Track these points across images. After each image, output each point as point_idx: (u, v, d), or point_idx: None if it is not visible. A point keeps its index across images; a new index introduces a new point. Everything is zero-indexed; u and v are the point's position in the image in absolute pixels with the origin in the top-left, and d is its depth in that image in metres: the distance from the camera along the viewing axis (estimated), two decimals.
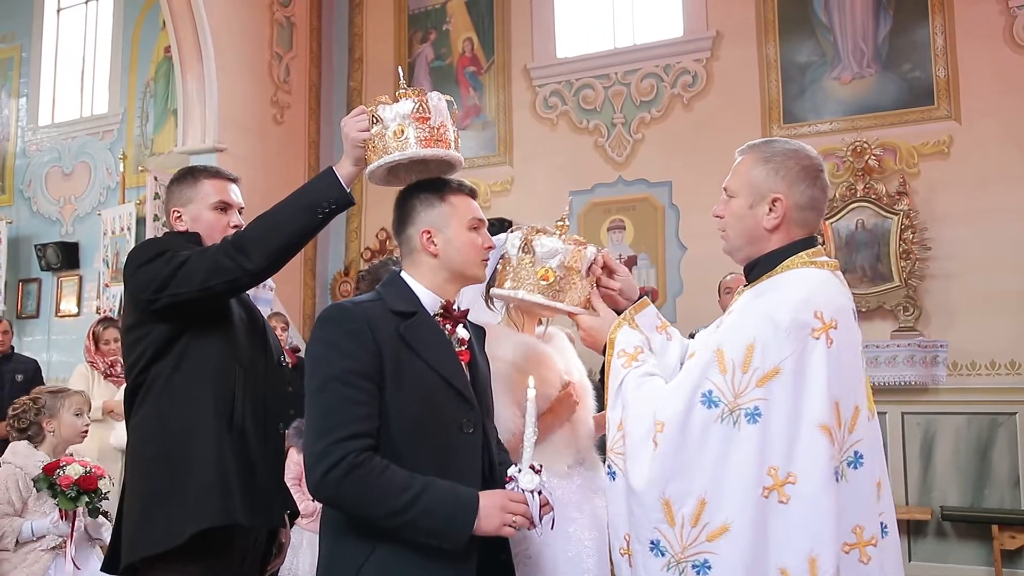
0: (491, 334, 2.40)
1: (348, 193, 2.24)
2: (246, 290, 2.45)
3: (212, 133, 6.90)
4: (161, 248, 2.36)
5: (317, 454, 1.79)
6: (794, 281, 1.89)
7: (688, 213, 6.73)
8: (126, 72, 8.81)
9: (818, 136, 6.35)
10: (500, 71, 7.57)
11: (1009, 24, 5.88)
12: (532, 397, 1.86)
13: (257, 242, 2.25)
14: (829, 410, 1.77)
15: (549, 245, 2.14)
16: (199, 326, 2.37)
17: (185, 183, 2.56)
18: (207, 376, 2.36)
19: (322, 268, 8.05)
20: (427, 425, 1.89)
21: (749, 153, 2.01)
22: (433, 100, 2.10)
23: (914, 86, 6.12)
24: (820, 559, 1.72)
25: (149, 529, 2.28)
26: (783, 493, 1.74)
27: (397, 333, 1.90)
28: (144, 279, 2.31)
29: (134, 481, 2.39)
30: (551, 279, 2.12)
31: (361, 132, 2.12)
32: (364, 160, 2.15)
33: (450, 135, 2.13)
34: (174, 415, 2.34)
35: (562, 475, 2.41)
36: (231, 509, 2.28)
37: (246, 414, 2.40)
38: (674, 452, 1.81)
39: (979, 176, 5.83)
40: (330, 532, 1.94)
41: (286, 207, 2.27)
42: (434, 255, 2.02)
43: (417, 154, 2.06)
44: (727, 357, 1.81)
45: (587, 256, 2.17)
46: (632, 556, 1.88)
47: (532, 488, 1.85)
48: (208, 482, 2.28)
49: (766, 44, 6.60)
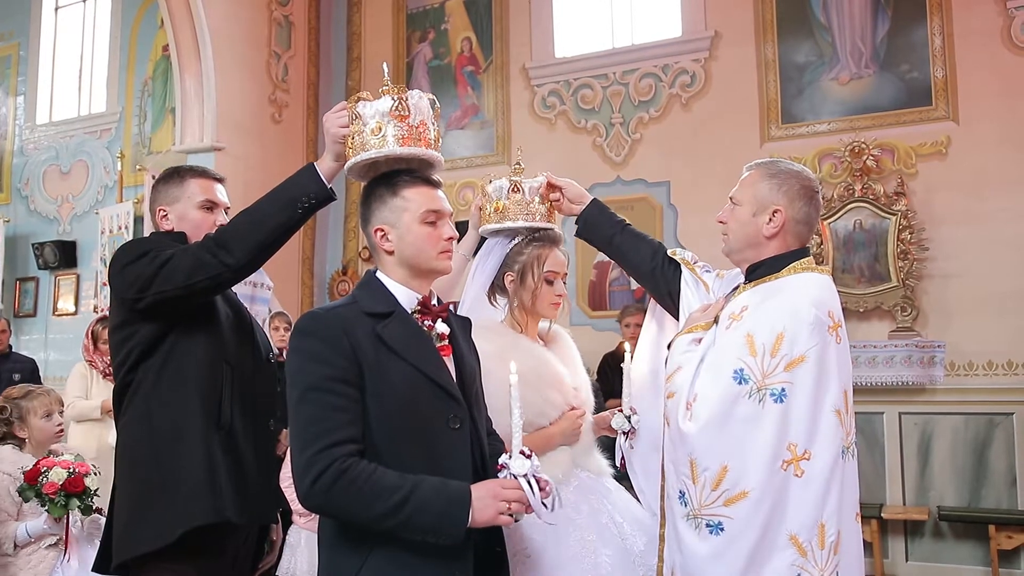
0: (500, 338, 2.44)
1: (328, 188, 2.25)
2: (229, 286, 2.45)
3: (210, 132, 6.89)
4: (145, 248, 2.36)
5: (303, 465, 1.79)
6: (805, 283, 2.14)
7: (686, 213, 6.74)
8: (124, 71, 8.81)
9: (816, 136, 6.37)
10: (498, 71, 7.57)
11: (1007, 25, 5.89)
12: (515, 383, 1.86)
13: (238, 238, 2.26)
14: (840, 397, 2.03)
15: (505, 183, 2.61)
16: (185, 325, 2.38)
17: (172, 182, 2.57)
18: (194, 375, 2.36)
19: (320, 267, 8.05)
20: (413, 424, 1.88)
21: (756, 169, 2.27)
22: (413, 98, 2.09)
23: (912, 87, 6.13)
24: (827, 526, 1.95)
25: (140, 528, 2.28)
26: (799, 468, 1.97)
27: (374, 334, 1.89)
28: (128, 279, 2.32)
29: (124, 481, 2.39)
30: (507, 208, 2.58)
31: (341, 128, 2.12)
32: (344, 156, 2.15)
33: (430, 134, 2.11)
34: (162, 415, 2.34)
35: (556, 481, 2.37)
36: (221, 507, 2.29)
37: (234, 412, 2.40)
38: (705, 420, 2.02)
39: (977, 177, 5.84)
40: (327, 542, 1.94)
41: (266, 203, 2.28)
42: (390, 252, 2.02)
43: (393, 152, 2.04)
44: (758, 342, 2.02)
45: (539, 182, 2.62)
46: (669, 496, 2.12)
47: (523, 473, 1.83)
48: (198, 481, 2.28)
49: (764, 44, 6.60)
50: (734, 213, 2.25)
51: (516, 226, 2.58)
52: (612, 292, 6.97)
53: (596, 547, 2.33)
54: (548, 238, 2.59)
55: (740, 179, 2.29)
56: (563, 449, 2.48)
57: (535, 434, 2.37)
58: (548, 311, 2.56)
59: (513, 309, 2.57)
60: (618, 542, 2.38)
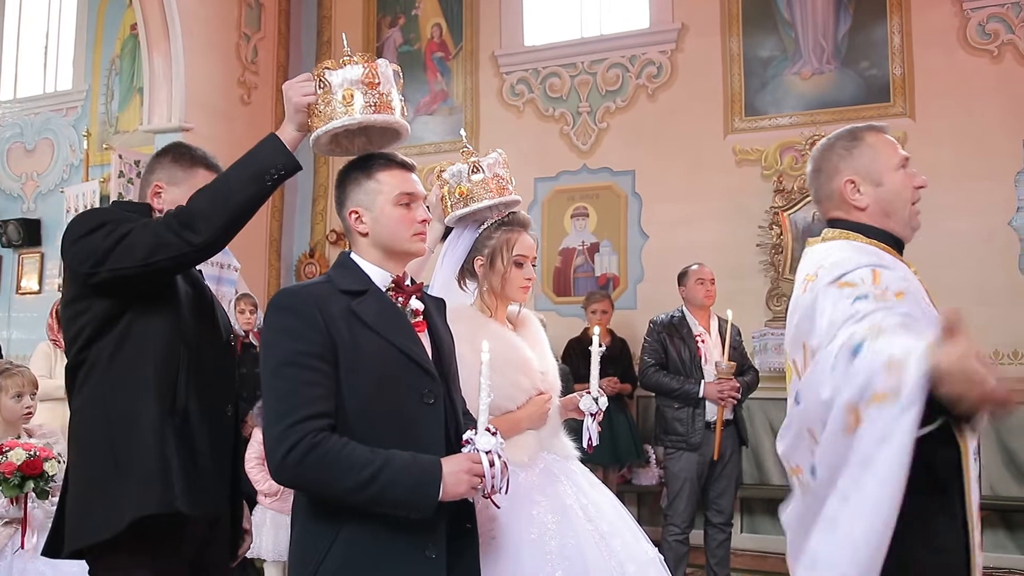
0: (470, 321, 2.45)
1: (295, 157, 2.17)
2: (193, 266, 2.34)
3: (178, 112, 6.86)
4: (102, 219, 2.22)
5: (275, 438, 1.80)
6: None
7: (651, 202, 6.85)
8: (91, 49, 8.71)
9: (778, 129, 6.51)
10: (468, 57, 7.62)
11: (963, 26, 6.05)
12: (486, 361, 1.89)
13: (204, 215, 2.13)
14: None
15: (463, 167, 2.60)
16: (142, 303, 2.25)
17: (180, 163, 2.45)
18: (150, 356, 2.24)
19: (287, 250, 8.05)
20: (387, 398, 1.90)
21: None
22: (382, 67, 2.08)
23: (871, 83, 6.28)
24: None
25: (90, 516, 2.21)
26: None
27: (349, 310, 1.91)
28: (82, 252, 2.18)
29: (75, 466, 2.30)
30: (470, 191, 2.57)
31: (306, 96, 2.07)
32: (307, 126, 2.10)
33: (396, 103, 2.09)
34: (116, 398, 2.23)
35: (523, 465, 2.43)
36: (171, 497, 2.18)
37: (190, 396, 2.29)
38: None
39: (931, 173, 5.79)
40: (299, 517, 1.95)
41: (231, 177, 2.19)
42: (364, 234, 2.03)
43: (366, 119, 2.03)
44: (851, 276, 1.91)
45: (494, 158, 2.62)
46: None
47: (488, 449, 1.86)
48: (149, 469, 2.18)
49: (730, 38, 6.72)
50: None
51: (484, 205, 2.55)
52: (577, 279, 7.07)
53: (560, 531, 2.34)
54: (517, 222, 2.60)
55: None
56: (530, 432, 2.51)
57: (502, 418, 2.38)
58: (518, 295, 2.58)
59: (483, 293, 2.58)
60: (583, 524, 2.39)
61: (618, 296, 6.78)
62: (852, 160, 2.14)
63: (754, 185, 6.51)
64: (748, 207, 6.44)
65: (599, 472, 5.52)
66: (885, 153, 2.13)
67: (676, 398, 4.77)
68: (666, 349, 4.86)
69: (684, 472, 4.76)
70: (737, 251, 6.39)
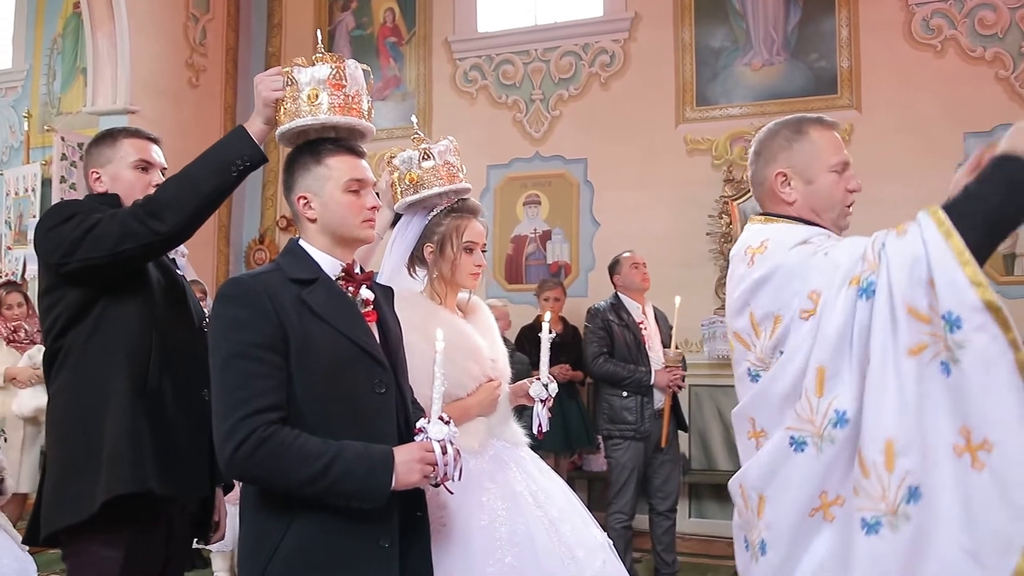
0: (419, 308, 2.45)
1: (261, 150, 2.23)
2: (160, 255, 2.41)
3: (123, 94, 6.70)
4: (72, 211, 2.30)
5: (225, 433, 1.78)
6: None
7: (602, 190, 6.89)
8: (31, 27, 8.49)
9: (728, 120, 6.58)
10: (421, 43, 7.57)
11: (908, 20, 6.17)
12: (440, 349, 1.90)
13: (170, 205, 2.21)
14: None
15: (414, 153, 2.58)
16: (114, 291, 2.33)
17: (104, 143, 2.52)
18: (122, 342, 2.32)
19: (236, 236, 7.94)
20: (338, 389, 1.89)
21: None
22: (350, 68, 2.08)
23: (820, 75, 6.38)
24: None
25: (64, 499, 2.26)
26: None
27: (299, 300, 1.89)
28: (53, 243, 2.26)
29: (52, 452, 2.37)
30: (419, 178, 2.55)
31: (275, 91, 2.10)
32: (275, 120, 2.13)
33: (364, 105, 2.11)
34: (89, 383, 2.31)
35: (473, 452, 2.43)
36: (143, 476, 2.23)
37: (164, 379, 2.35)
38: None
39: (875, 165, 6.09)
40: (249, 508, 1.93)
41: (198, 167, 2.24)
42: (312, 220, 2.01)
43: (329, 120, 2.04)
44: (811, 239, 1.97)
45: (445, 145, 2.61)
46: None
47: (441, 438, 1.87)
48: (119, 450, 2.24)
49: (682, 28, 6.76)
50: None
51: (434, 192, 2.54)
52: (529, 266, 7.09)
53: (510, 517, 2.35)
54: (467, 208, 2.59)
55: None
56: (480, 419, 2.51)
57: (452, 405, 2.36)
58: (468, 281, 2.58)
59: (433, 280, 2.58)
60: (533, 510, 2.39)
61: (570, 284, 6.81)
62: (790, 153, 2.13)
63: (704, 174, 6.58)
64: (698, 196, 6.50)
65: (550, 459, 5.54)
66: (825, 152, 2.13)
67: (626, 387, 4.80)
68: (612, 336, 4.88)
69: (632, 462, 4.79)
70: (687, 240, 6.45)
